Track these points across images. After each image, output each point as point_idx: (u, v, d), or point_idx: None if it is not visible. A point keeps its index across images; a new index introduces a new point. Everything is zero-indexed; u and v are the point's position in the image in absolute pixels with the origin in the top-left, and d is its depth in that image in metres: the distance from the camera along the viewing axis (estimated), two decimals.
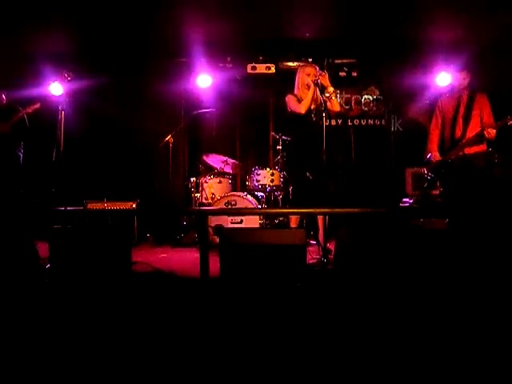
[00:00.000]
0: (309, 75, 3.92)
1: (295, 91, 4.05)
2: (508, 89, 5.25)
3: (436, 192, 5.02)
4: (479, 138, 3.90)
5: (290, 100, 4.00)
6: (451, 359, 1.87)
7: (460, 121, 4.04)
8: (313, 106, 3.95)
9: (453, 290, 2.59)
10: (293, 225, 4.11)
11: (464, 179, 3.95)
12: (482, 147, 3.98)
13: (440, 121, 4.22)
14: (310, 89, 3.87)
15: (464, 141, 3.99)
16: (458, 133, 4.05)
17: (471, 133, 3.97)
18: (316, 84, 3.79)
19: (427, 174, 4.36)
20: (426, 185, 4.44)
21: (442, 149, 4.20)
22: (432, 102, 4.42)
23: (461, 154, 3.98)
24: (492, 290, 2.56)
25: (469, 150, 3.96)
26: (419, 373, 1.78)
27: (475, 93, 4.06)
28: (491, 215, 3.15)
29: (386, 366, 1.83)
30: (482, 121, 3.98)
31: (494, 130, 3.80)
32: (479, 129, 3.94)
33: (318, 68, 4.02)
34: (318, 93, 3.82)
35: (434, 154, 4.18)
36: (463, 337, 2.07)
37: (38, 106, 5.08)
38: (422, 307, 2.41)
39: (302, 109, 3.86)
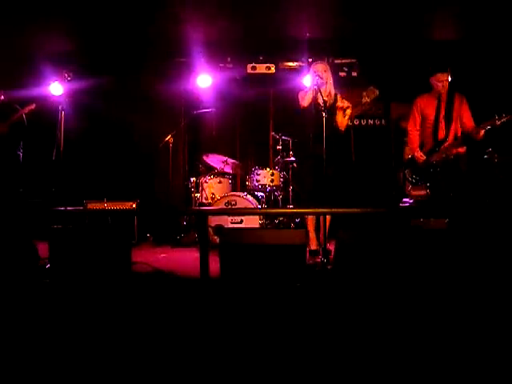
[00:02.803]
0: (316, 72, 3.92)
1: (306, 88, 4.08)
2: (488, 88, 5.27)
3: (420, 192, 4.92)
4: (464, 139, 3.90)
5: (299, 96, 4.01)
6: (451, 358, 1.87)
7: (442, 121, 4.02)
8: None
9: (452, 290, 2.59)
10: (310, 226, 3.97)
11: (451, 181, 3.95)
12: (463, 148, 3.99)
13: (419, 120, 4.19)
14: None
15: (449, 143, 3.98)
16: (441, 134, 4.03)
17: (454, 134, 3.98)
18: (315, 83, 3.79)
19: (410, 176, 4.29)
20: (409, 188, 4.38)
21: (421, 149, 4.18)
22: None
23: (444, 156, 3.98)
24: (492, 289, 2.56)
25: (451, 152, 3.96)
26: (418, 372, 1.78)
27: (454, 93, 4.04)
28: (489, 215, 3.15)
29: (386, 366, 1.83)
30: (461, 122, 3.98)
31: (483, 131, 3.76)
32: (460, 130, 3.96)
33: (326, 65, 4.00)
34: (318, 93, 3.80)
35: (417, 155, 4.15)
36: (463, 336, 2.07)
37: (33, 106, 5.08)
38: (421, 307, 2.41)
39: (305, 102, 3.87)
